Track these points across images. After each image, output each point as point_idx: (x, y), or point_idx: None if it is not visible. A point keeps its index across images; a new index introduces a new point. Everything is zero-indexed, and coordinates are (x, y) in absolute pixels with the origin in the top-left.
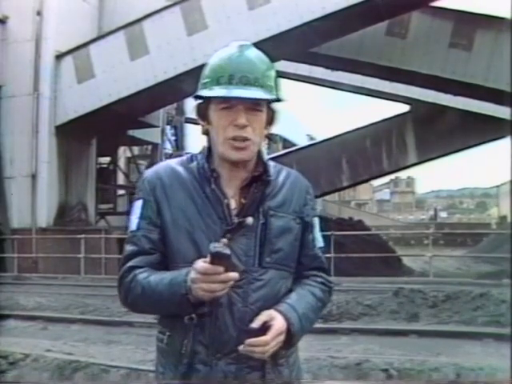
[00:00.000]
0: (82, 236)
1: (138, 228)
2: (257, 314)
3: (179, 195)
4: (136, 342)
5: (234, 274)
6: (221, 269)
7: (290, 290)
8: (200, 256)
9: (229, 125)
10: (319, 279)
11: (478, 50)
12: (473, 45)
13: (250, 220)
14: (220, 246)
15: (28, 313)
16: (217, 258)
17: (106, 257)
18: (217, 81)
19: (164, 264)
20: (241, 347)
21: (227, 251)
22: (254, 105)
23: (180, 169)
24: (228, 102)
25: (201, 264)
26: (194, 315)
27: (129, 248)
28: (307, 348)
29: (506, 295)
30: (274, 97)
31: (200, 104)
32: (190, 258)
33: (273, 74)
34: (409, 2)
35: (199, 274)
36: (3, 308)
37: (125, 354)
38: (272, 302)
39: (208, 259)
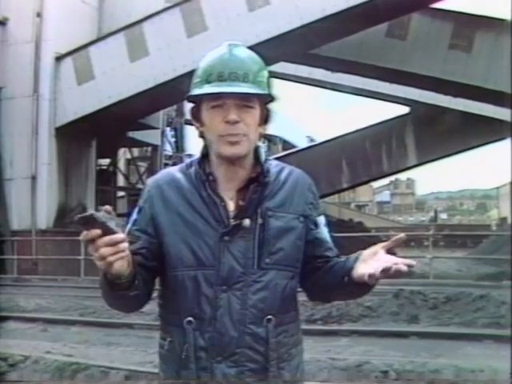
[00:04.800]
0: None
1: (128, 233)
2: (256, 316)
3: (177, 201)
4: (135, 343)
5: (117, 235)
6: (95, 231)
7: (294, 292)
8: (198, 260)
9: (220, 122)
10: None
11: (477, 52)
12: (472, 46)
13: (246, 222)
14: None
15: (28, 315)
16: (83, 224)
17: None
18: (206, 80)
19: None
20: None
21: (89, 213)
22: (244, 101)
23: (179, 175)
24: (218, 100)
25: None
26: (192, 319)
27: None
28: (307, 350)
29: (507, 297)
30: (263, 92)
31: (193, 106)
32: (189, 262)
33: (264, 72)
34: (409, 4)
35: (88, 245)
36: (3, 310)
37: (124, 355)
38: (273, 303)
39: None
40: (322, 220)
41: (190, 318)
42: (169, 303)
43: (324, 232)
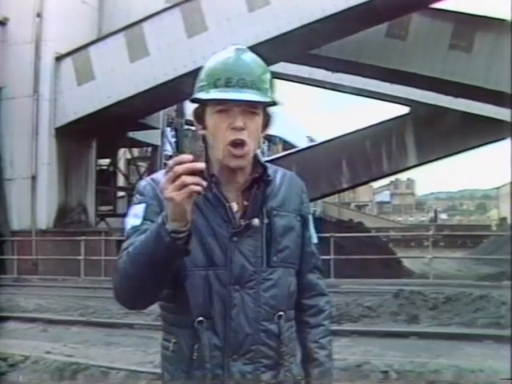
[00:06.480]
0: (82, 238)
1: (141, 224)
2: (269, 313)
3: None
4: (136, 343)
5: (201, 164)
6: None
7: (296, 289)
8: (209, 260)
9: (226, 128)
10: (320, 302)
11: (477, 52)
12: (473, 46)
13: (256, 221)
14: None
15: (28, 315)
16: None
17: (105, 259)
18: (214, 84)
19: None
20: None
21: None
22: (250, 107)
23: None
24: (224, 105)
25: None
26: (203, 318)
27: (127, 242)
28: None
29: (506, 297)
30: (270, 99)
31: (197, 108)
32: (200, 262)
33: (268, 77)
34: (409, 4)
35: (168, 174)
36: (3, 310)
37: (124, 355)
38: (282, 300)
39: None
40: (310, 219)
41: (201, 318)
42: (175, 304)
43: (313, 241)
